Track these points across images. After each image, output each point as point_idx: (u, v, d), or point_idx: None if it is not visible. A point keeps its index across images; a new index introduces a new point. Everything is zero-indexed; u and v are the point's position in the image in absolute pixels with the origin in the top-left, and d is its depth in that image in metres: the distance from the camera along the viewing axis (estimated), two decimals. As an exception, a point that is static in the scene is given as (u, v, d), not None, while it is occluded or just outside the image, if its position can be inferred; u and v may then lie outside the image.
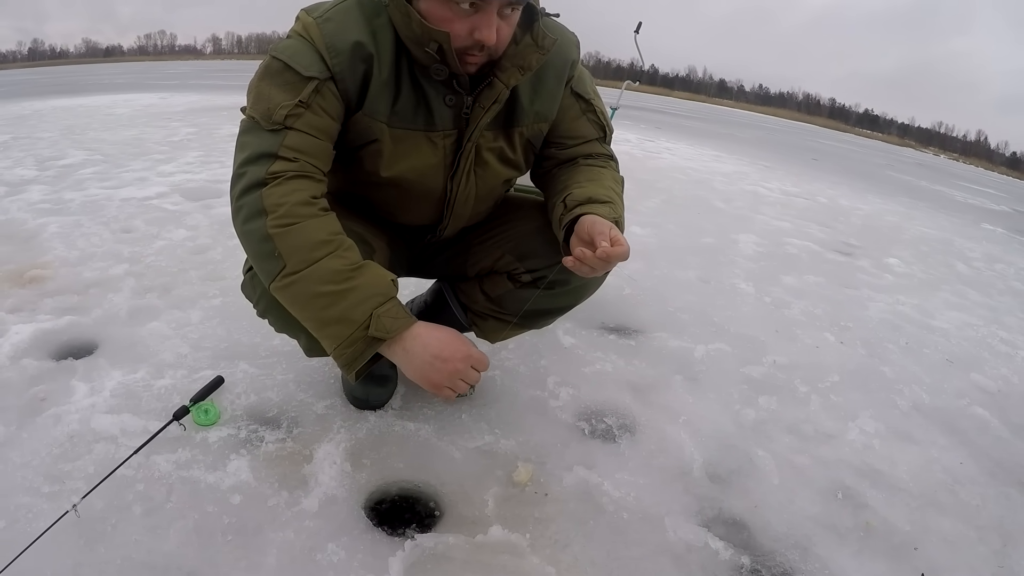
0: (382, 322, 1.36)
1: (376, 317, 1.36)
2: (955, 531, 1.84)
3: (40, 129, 7.87)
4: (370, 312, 1.36)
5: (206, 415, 1.87)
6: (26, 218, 3.79)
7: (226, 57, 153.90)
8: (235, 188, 1.42)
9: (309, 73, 1.40)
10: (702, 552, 1.63)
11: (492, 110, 1.53)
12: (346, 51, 1.42)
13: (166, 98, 13.35)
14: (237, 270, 1.75)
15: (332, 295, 1.35)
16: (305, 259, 1.35)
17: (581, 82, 1.72)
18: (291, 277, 1.36)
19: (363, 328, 1.36)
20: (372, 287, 1.38)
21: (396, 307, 1.40)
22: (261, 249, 1.38)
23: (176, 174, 5.22)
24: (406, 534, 1.58)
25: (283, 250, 1.35)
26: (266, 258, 1.38)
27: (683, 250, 4.24)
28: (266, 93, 1.42)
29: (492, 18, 1.36)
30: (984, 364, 3.05)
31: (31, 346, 2.25)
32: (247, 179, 1.39)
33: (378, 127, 1.50)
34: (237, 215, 1.42)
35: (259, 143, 1.40)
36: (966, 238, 6.59)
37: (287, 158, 1.39)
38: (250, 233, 1.39)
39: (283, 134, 1.39)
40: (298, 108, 1.40)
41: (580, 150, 1.74)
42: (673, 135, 14.04)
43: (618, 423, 2.11)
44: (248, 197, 1.38)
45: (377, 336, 1.36)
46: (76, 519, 1.48)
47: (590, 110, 1.74)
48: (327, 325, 1.38)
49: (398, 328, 1.38)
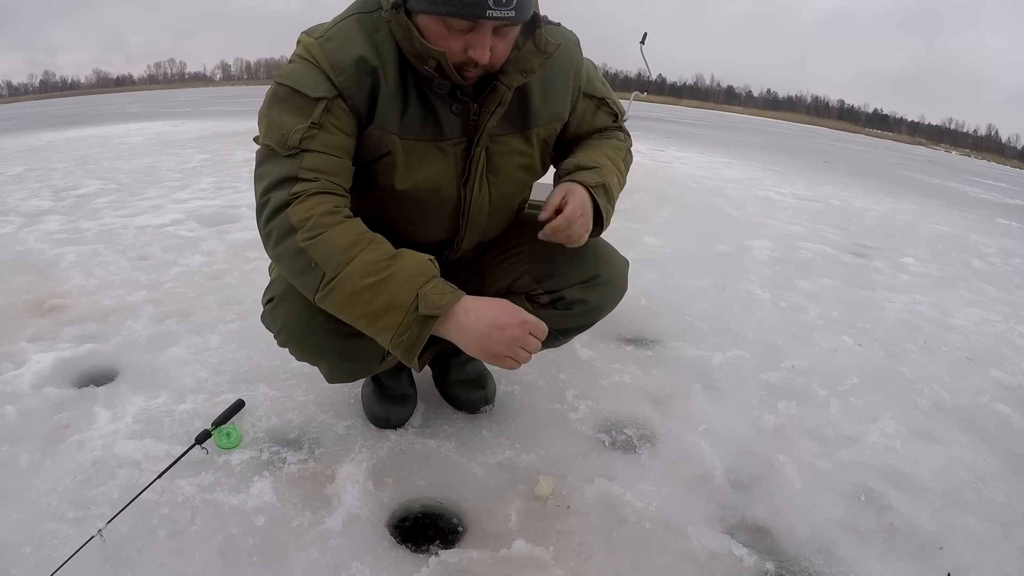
0: (430, 299, 1.34)
1: (423, 296, 1.34)
2: (981, 529, 1.82)
3: (54, 160, 7.96)
4: (415, 292, 1.34)
5: (228, 438, 1.88)
6: (43, 248, 3.83)
7: (236, 83, 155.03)
8: (261, 216, 1.43)
9: (317, 94, 1.41)
10: (726, 559, 1.63)
11: (496, 113, 1.54)
12: (351, 67, 1.43)
13: (178, 125, 13.49)
14: (254, 294, 1.77)
15: (374, 286, 1.34)
16: (341, 261, 1.35)
17: (591, 83, 1.74)
18: (332, 282, 1.35)
19: (412, 310, 1.33)
20: (412, 269, 1.37)
21: (441, 284, 1.38)
22: (297, 265, 1.38)
23: (191, 201, 5.27)
24: (430, 551, 1.58)
25: (318, 259, 1.35)
26: (304, 272, 1.38)
27: (697, 258, 4.24)
28: (277, 120, 1.43)
29: (486, 38, 1.37)
30: (1004, 360, 3.02)
31: (52, 374, 2.27)
32: (271, 204, 1.40)
33: (390, 139, 1.51)
34: (268, 240, 1.42)
35: (278, 170, 1.41)
36: (981, 234, 6.55)
37: (307, 179, 1.40)
38: (283, 253, 1.39)
39: (300, 157, 1.40)
40: (311, 130, 1.40)
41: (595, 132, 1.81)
42: (683, 144, 14.04)
43: (638, 433, 2.11)
44: (275, 220, 1.39)
45: (428, 314, 1.33)
46: (101, 544, 1.49)
47: (603, 105, 1.78)
48: (378, 318, 1.35)
49: (447, 303, 1.35)
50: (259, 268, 3.36)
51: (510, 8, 1.32)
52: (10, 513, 1.62)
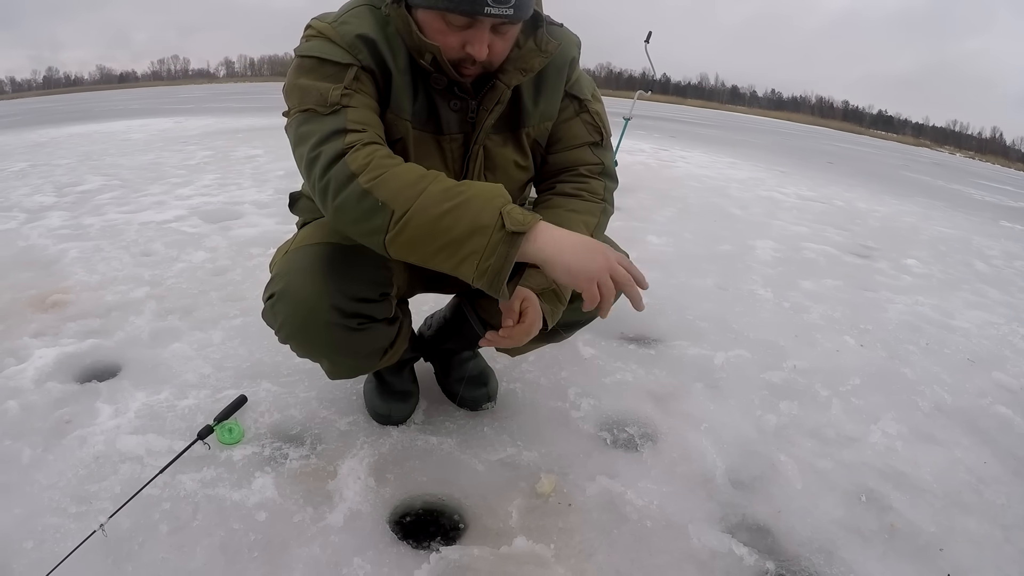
0: (515, 216, 1.27)
1: (507, 214, 1.27)
2: (981, 531, 1.82)
3: (57, 156, 7.97)
4: (499, 211, 1.27)
5: (230, 434, 1.88)
6: (47, 244, 3.84)
7: (239, 80, 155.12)
8: (314, 170, 1.37)
9: (346, 60, 1.41)
10: (726, 558, 1.63)
11: (495, 111, 1.54)
12: (365, 48, 1.43)
13: (181, 122, 13.50)
14: (257, 291, 1.76)
15: (452, 211, 1.27)
16: (410, 195, 1.29)
17: (578, 84, 1.70)
18: (404, 217, 1.28)
19: (499, 228, 1.26)
20: (489, 191, 1.31)
21: (517, 207, 1.30)
22: (362, 208, 1.32)
23: (194, 197, 5.28)
24: (431, 547, 1.58)
25: (385, 197, 1.29)
26: (371, 214, 1.31)
27: (700, 258, 4.24)
28: (310, 85, 1.41)
29: (484, 34, 1.37)
30: (1006, 362, 3.02)
31: (55, 370, 2.28)
32: (324, 156, 1.35)
33: (403, 125, 1.51)
34: (325, 193, 1.36)
35: (324, 126, 1.37)
36: (984, 236, 6.54)
37: (356, 130, 1.36)
38: (345, 200, 1.33)
39: (344, 112, 1.37)
40: (347, 90, 1.39)
41: (571, 157, 1.71)
42: (687, 143, 14.03)
43: (640, 432, 2.11)
44: (332, 170, 1.34)
45: (515, 230, 1.26)
46: (103, 538, 1.50)
47: (584, 111, 1.70)
48: (460, 244, 1.27)
49: (531, 220, 1.28)
50: (261, 264, 3.37)
51: (508, 6, 1.31)
52: (12, 507, 1.62)
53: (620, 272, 1.31)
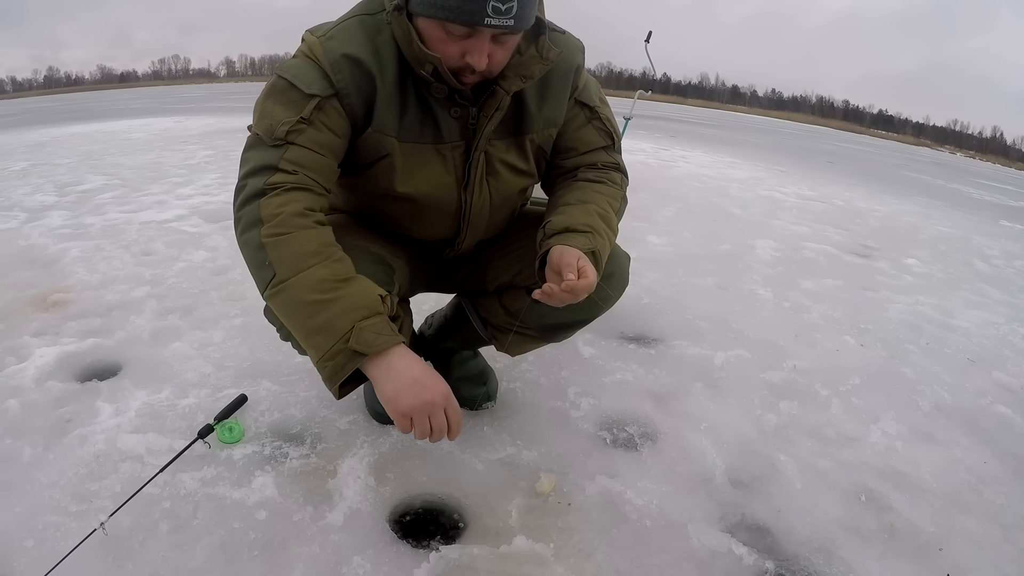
0: (364, 335, 1.31)
1: (358, 330, 1.31)
2: (980, 531, 1.82)
3: (58, 156, 7.99)
4: (352, 324, 1.31)
5: (230, 433, 1.89)
6: (47, 243, 3.84)
7: (240, 79, 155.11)
8: (236, 200, 1.44)
9: (312, 91, 1.42)
10: (726, 558, 1.63)
11: (495, 118, 1.54)
12: (349, 68, 1.43)
13: (182, 122, 13.50)
14: (257, 290, 1.77)
15: (317, 304, 1.32)
16: (294, 267, 1.34)
17: (586, 91, 1.71)
18: (280, 285, 1.35)
19: (343, 340, 1.30)
20: (358, 299, 1.34)
21: (382, 323, 1.35)
22: (255, 258, 1.38)
23: (194, 196, 5.29)
24: (431, 546, 1.58)
25: (274, 259, 1.35)
26: (260, 267, 1.38)
27: (701, 258, 4.24)
28: (270, 111, 1.44)
29: (484, 44, 1.37)
30: (1006, 362, 3.02)
31: (56, 368, 2.28)
32: (247, 191, 1.41)
33: (389, 142, 1.51)
34: (237, 225, 1.43)
35: (260, 157, 1.42)
36: (985, 235, 6.54)
37: (286, 170, 1.40)
38: (247, 242, 1.40)
39: (284, 148, 1.41)
40: (299, 124, 1.41)
41: (585, 159, 1.73)
42: (688, 143, 14.03)
43: (639, 432, 2.11)
44: (247, 208, 1.40)
45: (358, 350, 1.30)
46: (104, 537, 1.50)
47: (595, 118, 1.72)
48: (312, 335, 1.34)
49: (381, 345, 1.32)
50: (262, 264, 3.36)
51: (509, 17, 1.31)
52: (13, 506, 1.63)
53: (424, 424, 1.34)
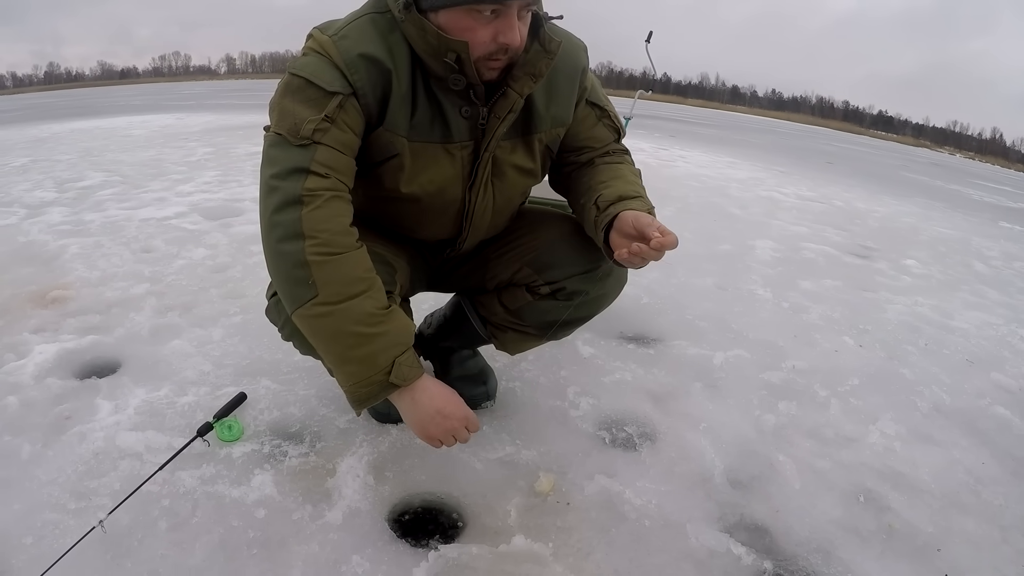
0: (402, 371, 1.42)
1: (398, 365, 1.41)
2: (979, 531, 1.83)
3: (58, 152, 7.98)
4: (393, 359, 1.41)
5: (230, 431, 1.89)
6: (47, 240, 3.84)
7: (240, 77, 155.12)
8: (268, 202, 1.41)
9: (333, 88, 1.40)
10: (724, 558, 1.63)
11: (508, 120, 1.53)
12: (365, 66, 1.42)
13: (182, 118, 13.49)
14: (257, 288, 1.77)
15: (362, 336, 1.39)
16: (341, 293, 1.37)
17: (595, 91, 1.73)
18: (324, 308, 1.37)
19: (384, 373, 1.41)
20: (398, 335, 1.43)
21: (413, 356, 1.45)
22: (294, 274, 1.38)
23: (194, 194, 5.28)
24: (429, 545, 1.59)
25: (319, 280, 1.36)
26: (297, 283, 1.38)
27: (700, 258, 4.24)
28: (291, 109, 1.42)
29: (513, 20, 1.36)
30: (1005, 363, 3.02)
31: (55, 365, 2.28)
32: (281, 195, 1.38)
33: (399, 141, 1.50)
34: (271, 232, 1.40)
35: (289, 158, 1.39)
36: (984, 237, 6.54)
37: (320, 174, 1.39)
38: (285, 255, 1.38)
39: (313, 149, 1.39)
40: (324, 123, 1.39)
41: (597, 152, 1.76)
42: (687, 143, 14.04)
43: (639, 431, 2.11)
44: (285, 216, 1.37)
45: (394, 383, 1.42)
46: (102, 535, 1.50)
47: (605, 116, 1.75)
48: (349, 363, 1.42)
49: (413, 377, 1.44)
50: (262, 262, 3.31)
51: None
52: (11, 503, 1.62)
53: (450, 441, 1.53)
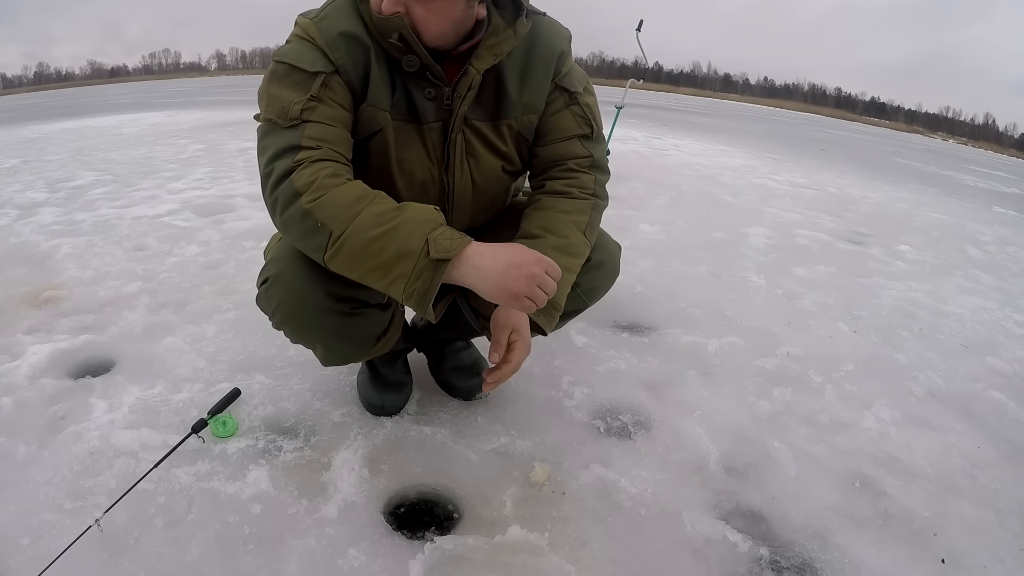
0: (440, 243, 1.32)
1: (433, 241, 1.32)
2: (975, 515, 1.83)
3: (49, 152, 7.94)
4: (425, 238, 1.32)
5: (224, 427, 1.88)
6: (39, 240, 3.83)
7: (231, 73, 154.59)
8: (266, 186, 1.44)
9: (315, 68, 1.44)
10: (721, 545, 1.63)
11: (468, 97, 1.55)
12: (345, 45, 1.46)
13: (173, 116, 13.43)
14: (249, 284, 1.77)
15: (383, 236, 1.33)
16: (347, 216, 1.35)
17: (569, 77, 1.69)
18: (340, 239, 1.35)
19: (424, 255, 1.32)
20: (419, 216, 1.36)
21: (449, 230, 1.36)
22: (304, 227, 1.38)
23: (186, 191, 5.27)
24: (425, 537, 1.59)
25: (324, 218, 1.35)
26: (312, 234, 1.37)
27: (693, 246, 4.24)
28: (278, 95, 1.45)
29: None
30: (999, 347, 3.03)
31: (49, 366, 2.27)
32: (276, 173, 1.41)
33: (382, 116, 1.53)
34: (275, 209, 1.43)
35: (280, 140, 1.42)
36: (977, 222, 6.55)
37: (310, 147, 1.41)
38: (290, 218, 1.39)
39: (302, 127, 1.42)
40: (311, 102, 1.43)
41: (559, 150, 1.70)
42: (680, 131, 14.03)
43: (633, 420, 2.11)
44: (280, 188, 1.40)
45: (440, 257, 1.32)
46: (99, 533, 1.49)
47: (574, 103, 1.69)
48: (389, 268, 1.34)
49: (457, 247, 1.33)
50: (254, 258, 3.36)
51: None
52: (8, 504, 1.62)
53: (539, 294, 1.36)
